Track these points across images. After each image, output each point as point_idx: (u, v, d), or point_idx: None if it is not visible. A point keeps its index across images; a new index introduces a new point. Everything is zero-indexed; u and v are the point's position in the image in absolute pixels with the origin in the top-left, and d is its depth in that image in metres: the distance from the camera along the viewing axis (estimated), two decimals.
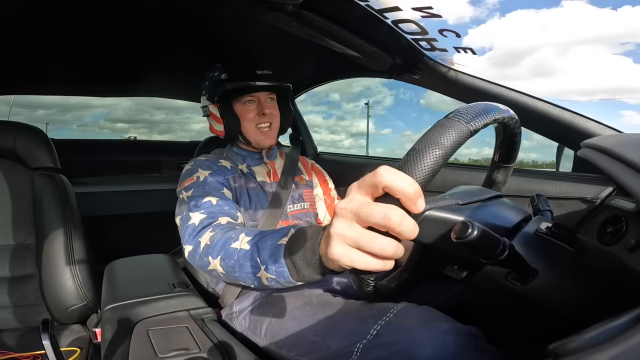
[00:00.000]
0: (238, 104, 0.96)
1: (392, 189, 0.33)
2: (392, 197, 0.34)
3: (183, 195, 0.84)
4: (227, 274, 0.65)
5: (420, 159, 0.36)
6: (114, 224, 1.54)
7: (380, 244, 0.34)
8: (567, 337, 0.22)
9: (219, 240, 0.67)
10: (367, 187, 0.35)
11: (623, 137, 0.57)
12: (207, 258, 0.68)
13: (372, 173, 0.35)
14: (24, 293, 1.00)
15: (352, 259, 0.36)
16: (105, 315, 0.74)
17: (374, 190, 0.35)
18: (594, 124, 0.78)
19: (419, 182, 0.35)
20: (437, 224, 0.48)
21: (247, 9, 0.75)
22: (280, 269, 0.53)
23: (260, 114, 0.96)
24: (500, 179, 0.60)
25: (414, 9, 0.67)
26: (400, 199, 0.33)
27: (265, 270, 0.56)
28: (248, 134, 0.97)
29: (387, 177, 0.33)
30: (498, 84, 0.88)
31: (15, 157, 1.03)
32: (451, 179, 1.05)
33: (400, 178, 0.33)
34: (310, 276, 0.50)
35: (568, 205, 0.81)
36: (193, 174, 0.88)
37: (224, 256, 0.65)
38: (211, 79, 0.99)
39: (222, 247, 0.66)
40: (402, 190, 0.33)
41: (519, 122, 0.49)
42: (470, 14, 20.98)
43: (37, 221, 1.03)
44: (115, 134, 3.35)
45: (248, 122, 0.96)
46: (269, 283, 0.58)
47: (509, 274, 0.46)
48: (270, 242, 0.57)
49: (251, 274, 0.60)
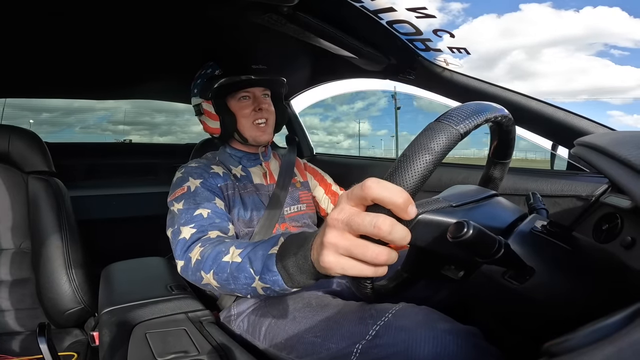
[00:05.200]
0: (233, 100, 0.95)
1: (381, 202, 0.34)
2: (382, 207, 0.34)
3: (174, 206, 0.83)
4: (222, 287, 0.65)
5: (409, 166, 0.37)
6: (110, 227, 1.53)
7: (372, 252, 0.35)
8: (563, 336, 0.22)
9: (210, 255, 0.67)
10: (356, 198, 0.36)
11: (616, 135, 0.58)
12: (199, 273, 0.68)
13: (359, 186, 0.35)
14: (21, 297, 1.00)
15: (343, 267, 0.36)
16: (102, 318, 0.74)
17: (363, 201, 0.35)
18: (588, 122, 0.79)
19: (409, 189, 0.35)
20: (430, 227, 0.48)
21: (241, 11, 0.75)
22: (274, 277, 0.53)
23: (257, 109, 0.95)
24: (497, 175, 0.60)
25: (408, 10, 0.68)
26: (391, 209, 0.34)
27: (260, 280, 0.56)
28: (244, 131, 0.96)
29: (374, 190, 0.34)
30: (492, 84, 0.89)
31: (9, 160, 1.03)
32: (446, 179, 1.05)
33: (388, 190, 0.34)
34: (304, 282, 0.50)
35: (563, 203, 0.82)
36: (184, 183, 0.87)
37: (216, 270, 0.65)
38: (204, 76, 0.97)
39: (214, 261, 0.65)
40: (391, 201, 0.33)
41: (513, 120, 0.50)
42: (439, 20, 21.28)
43: (32, 225, 1.02)
44: (117, 136, 3.33)
45: (244, 118, 0.95)
46: (264, 292, 0.58)
47: (506, 272, 0.46)
48: (262, 252, 0.57)
49: (246, 285, 0.59)
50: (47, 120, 2.95)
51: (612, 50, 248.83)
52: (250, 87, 0.95)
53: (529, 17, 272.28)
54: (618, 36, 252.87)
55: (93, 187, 1.61)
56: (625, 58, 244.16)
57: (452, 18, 23.15)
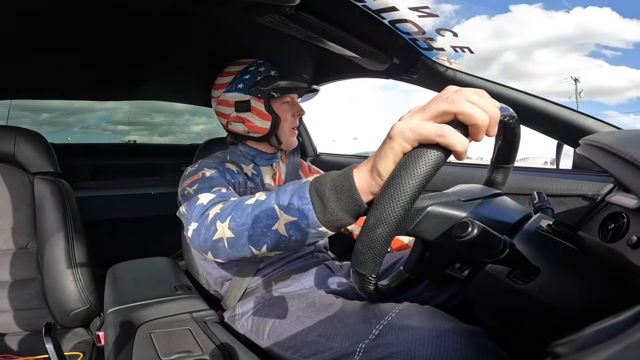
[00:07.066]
0: (277, 103, 0.94)
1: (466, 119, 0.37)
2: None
3: (188, 190, 0.78)
4: (236, 238, 0.58)
5: (417, 162, 0.38)
6: (115, 227, 1.54)
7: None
8: (568, 336, 0.22)
9: (231, 204, 0.62)
10: (437, 112, 0.39)
11: (622, 133, 0.57)
12: (213, 226, 0.62)
13: (446, 99, 0.38)
14: (27, 297, 1.01)
15: (417, 124, 0.39)
16: (108, 318, 0.74)
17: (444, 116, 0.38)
18: (593, 121, 0.78)
19: (419, 181, 0.37)
20: (439, 220, 0.48)
21: (242, 11, 0.75)
22: (304, 205, 0.48)
23: (295, 115, 0.96)
24: (499, 179, 0.60)
25: (411, 9, 0.67)
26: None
27: (285, 211, 0.50)
28: (282, 134, 0.96)
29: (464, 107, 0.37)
30: (496, 82, 0.89)
31: (15, 162, 1.04)
32: (450, 178, 1.05)
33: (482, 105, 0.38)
34: (338, 215, 0.45)
35: (569, 202, 0.81)
36: (198, 172, 0.84)
37: (235, 215, 0.58)
38: (255, 73, 0.94)
39: (234, 208, 0.60)
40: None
41: (518, 119, 0.49)
42: (432, 22, 21.39)
43: (38, 225, 1.03)
44: (116, 136, 3.37)
45: (286, 122, 0.95)
46: (287, 232, 0.51)
47: (511, 272, 0.46)
48: (292, 186, 0.52)
49: (265, 229, 0.53)
50: (47, 121, 2.96)
51: (604, 50, 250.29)
52: (302, 93, 0.99)
53: (519, 18, 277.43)
54: (610, 36, 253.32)
55: (98, 187, 1.62)
56: (618, 58, 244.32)
57: (445, 19, 23.27)
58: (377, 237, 0.40)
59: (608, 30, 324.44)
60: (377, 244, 0.40)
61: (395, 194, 0.37)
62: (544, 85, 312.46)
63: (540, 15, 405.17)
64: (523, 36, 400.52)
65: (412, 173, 0.37)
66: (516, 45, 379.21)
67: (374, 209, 0.40)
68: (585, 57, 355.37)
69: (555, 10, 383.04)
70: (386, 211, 0.38)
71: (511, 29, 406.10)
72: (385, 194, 0.38)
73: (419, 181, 0.37)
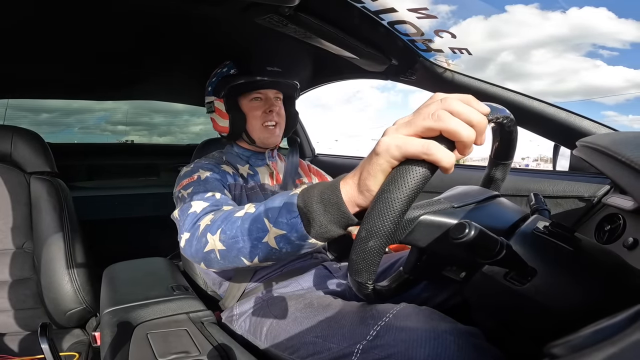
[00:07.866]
0: (245, 100, 0.94)
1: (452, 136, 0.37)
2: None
3: (182, 193, 0.79)
4: (227, 250, 0.59)
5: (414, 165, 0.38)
6: (112, 227, 1.53)
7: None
8: (564, 337, 0.22)
9: (220, 216, 0.63)
10: (420, 128, 0.38)
11: (618, 135, 0.58)
12: (204, 238, 0.63)
13: (431, 115, 0.37)
14: (23, 297, 1.00)
15: (403, 141, 0.38)
16: (104, 318, 0.74)
17: (428, 132, 0.38)
18: (589, 123, 0.79)
19: (414, 186, 0.38)
20: (432, 228, 0.48)
21: (241, 12, 0.75)
22: (292, 219, 0.48)
23: (267, 111, 0.94)
24: (498, 176, 0.60)
25: (409, 10, 0.68)
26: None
27: (274, 225, 0.51)
28: (253, 132, 0.95)
29: (451, 124, 0.37)
30: (493, 84, 0.89)
31: (11, 161, 1.03)
32: (448, 179, 1.05)
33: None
34: (326, 227, 0.46)
35: (565, 204, 0.82)
36: (193, 173, 0.85)
37: (225, 228, 0.59)
38: (219, 74, 0.97)
39: (224, 220, 0.61)
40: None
41: (515, 121, 0.50)
42: (430, 23, 21.45)
43: (34, 225, 1.02)
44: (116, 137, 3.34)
45: (254, 119, 0.94)
46: (277, 245, 0.52)
47: (508, 273, 0.46)
48: (281, 198, 0.52)
49: (256, 241, 0.54)
50: (47, 121, 2.95)
51: (600, 50, 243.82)
52: (263, 88, 0.95)
53: (516, 19, 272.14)
54: (606, 36, 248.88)
55: (95, 187, 1.62)
56: (615, 58, 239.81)
57: (442, 20, 23.39)
58: (370, 249, 0.40)
59: (605, 30, 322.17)
60: (370, 255, 0.41)
61: (385, 208, 0.38)
62: (541, 85, 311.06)
63: (536, 15, 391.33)
64: (519, 36, 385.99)
65: (400, 188, 0.37)
66: (513, 45, 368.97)
67: (365, 222, 0.40)
68: (582, 57, 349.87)
69: (551, 11, 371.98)
70: (377, 225, 0.39)
71: (507, 29, 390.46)
72: (375, 208, 0.39)
73: (407, 195, 0.37)
